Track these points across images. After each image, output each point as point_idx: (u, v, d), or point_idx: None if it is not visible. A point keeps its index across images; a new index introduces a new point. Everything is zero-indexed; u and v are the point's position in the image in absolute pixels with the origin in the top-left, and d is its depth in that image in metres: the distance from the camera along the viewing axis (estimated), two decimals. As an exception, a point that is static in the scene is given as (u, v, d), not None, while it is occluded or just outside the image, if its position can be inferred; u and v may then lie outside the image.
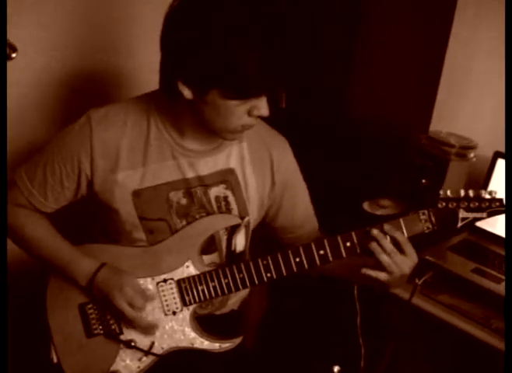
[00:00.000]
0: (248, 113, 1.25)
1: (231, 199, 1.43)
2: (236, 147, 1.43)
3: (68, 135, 1.38)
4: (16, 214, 1.43)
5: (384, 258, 1.28)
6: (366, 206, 1.94)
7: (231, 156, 1.43)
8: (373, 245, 1.29)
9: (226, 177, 1.42)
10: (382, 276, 1.30)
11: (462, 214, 1.31)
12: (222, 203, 1.42)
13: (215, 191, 1.41)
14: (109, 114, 1.37)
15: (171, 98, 1.30)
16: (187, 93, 1.23)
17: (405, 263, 1.30)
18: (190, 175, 1.39)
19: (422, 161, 1.97)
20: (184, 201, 1.40)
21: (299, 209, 1.54)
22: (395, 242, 1.30)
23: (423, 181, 1.95)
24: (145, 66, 2.03)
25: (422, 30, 1.95)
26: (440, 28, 2.04)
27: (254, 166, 1.44)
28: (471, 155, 1.94)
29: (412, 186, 1.97)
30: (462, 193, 1.30)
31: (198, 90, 1.22)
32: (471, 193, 1.30)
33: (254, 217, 1.47)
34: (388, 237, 1.30)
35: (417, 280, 1.66)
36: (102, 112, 1.37)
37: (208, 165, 1.40)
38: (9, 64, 1.71)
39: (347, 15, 1.81)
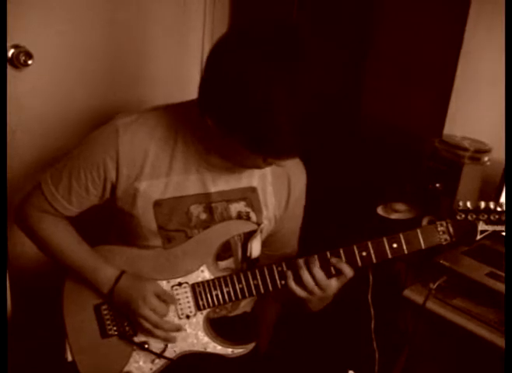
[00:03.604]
0: (263, 158, 1.24)
1: (252, 215, 1.43)
2: None
3: (94, 141, 1.37)
4: (41, 220, 1.44)
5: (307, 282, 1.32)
6: (380, 210, 1.94)
7: (254, 175, 1.43)
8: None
9: (247, 195, 1.43)
10: (301, 292, 1.33)
11: (482, 226, 1.29)
12: (244, 218, 1.43)
13: (236, 207, 1.42)
14: (137, 122, 1.35)
15: (200, 118, 1.27)
16: (211, 126, 1.22)
17: (331, 285, 1.33)
18: (212, 190, 1.39)
19: (436, 165, 1.96)
20: (203, 216, 1.40)
21: (286, 231, 1.55)
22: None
23: (437, 185, 1.94)
24: (165, 72, 2.05)
25: (435, 34, 1.95)
26: (453, 31, 2.04)
27: (274, 187, 1.45)
28: (486, 158, 1.93)
29: (426, 190, 1.97)
30: (482, 204, 1.29)
31: (220, 130, 1.21)
32: (491, 205, 1.28)
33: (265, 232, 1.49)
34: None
35: (431, 285, 1.66)
36: (130, 119, 1.35)
37: (230, 182, 1.41)
38: (27, 70, 1.73)
39: (360, 20, 1.81)
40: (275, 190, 1.46)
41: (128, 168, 1.34)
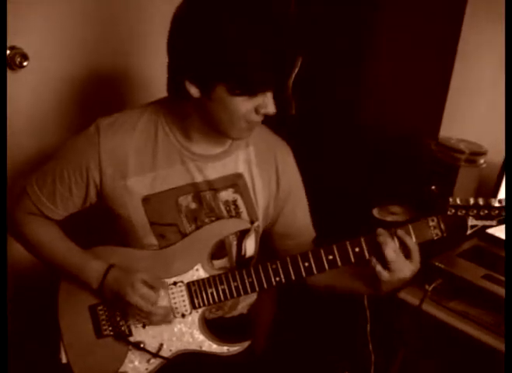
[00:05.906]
0: (255, 110, 1.26)
1: (240, 202, 1.44)
2: (243, 151, 1.45)
3: (77, 143, 1.40)
4: (28, 221, 1.45)
5: (390, 253, 1.28)
6: (375, 212, 1.94)
7: (239, 160, 1.44)
8: (381, 240, 1.29)
9: (235, 181, 1.43)
10: (384, 274, 1.30)
11: (471, 221, 1.31)
12: (232, 206, 1.43)
13: (224, 195, 1.43)
14: (117, 122, 1.38)
15: (178, 100, 1.31)
16: (194, 91, 1.25)
17: (407, 266, 1.30)
18: (199, 179, 1.40)
19: (432, 167, 1.96)
20: (193, 205, 1.41)
21: (299, 216, 1.55)
22: (404, 247, 1.30)
23: (433, 187, 1.95)
24: (160, 68, 2.04)
25: (431, 37, 1.95)
26: (449, 34, 2.04)
27: (260, 170, 1.46)
28: (481, 161, 1.93)
29: (422, 193, 1.97)
30: (472, 200, 1.30)
31: (204, 87, 1.24)
32: (480, 201, 1.29)
33: (261, 221, 1.48)
34: (396, 239, 1.30)
35: (427, 287, 1.65)
36: (110, 120, 1.39)
37: (216, 170, 1.42)
38: (22, 72, 1.73)
39: (357, 21, 1.81)
40: (262, 173, 1.46)
41: (111, 167, 1.36)
